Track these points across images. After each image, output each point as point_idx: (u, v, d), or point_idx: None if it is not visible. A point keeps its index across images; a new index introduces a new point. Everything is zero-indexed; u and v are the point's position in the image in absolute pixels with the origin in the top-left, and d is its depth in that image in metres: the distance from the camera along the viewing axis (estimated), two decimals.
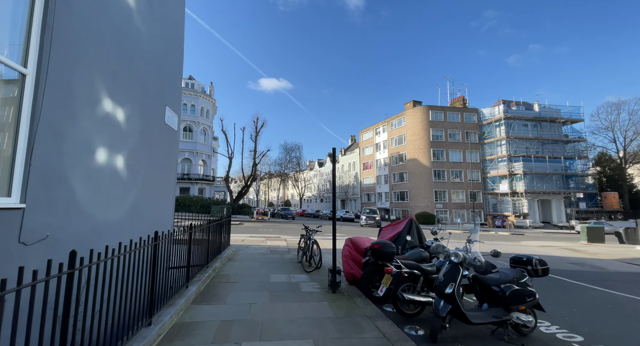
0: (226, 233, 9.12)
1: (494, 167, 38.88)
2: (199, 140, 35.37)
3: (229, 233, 9.54)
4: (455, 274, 3.87)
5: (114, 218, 3.58)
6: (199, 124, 35.33)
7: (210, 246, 6.86)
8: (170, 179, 5.86)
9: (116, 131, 3.62)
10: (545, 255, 11.26)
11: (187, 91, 35.02)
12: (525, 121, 38.64)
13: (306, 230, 8.07)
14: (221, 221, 8.13)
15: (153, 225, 4.60)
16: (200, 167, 35.94)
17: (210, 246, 6.86)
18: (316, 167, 67.14)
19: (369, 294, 5.26)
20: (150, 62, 4.62)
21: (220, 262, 7.33)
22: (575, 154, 38.69)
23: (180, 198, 29.21)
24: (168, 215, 5.77)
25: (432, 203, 38.13)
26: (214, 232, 7.31)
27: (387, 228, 7.33)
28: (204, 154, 35.84)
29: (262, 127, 31.38)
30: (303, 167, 49.95)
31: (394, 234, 6.75)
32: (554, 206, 37.65)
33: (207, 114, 37.00)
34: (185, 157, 34.67)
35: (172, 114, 5.94)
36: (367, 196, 48.75)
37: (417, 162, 39.52)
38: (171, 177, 5.90)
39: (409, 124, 41.15)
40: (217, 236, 7.60)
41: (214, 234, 7.28)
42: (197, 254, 5.88)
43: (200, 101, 35.69)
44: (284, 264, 7.81)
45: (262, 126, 31.33)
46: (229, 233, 9.54)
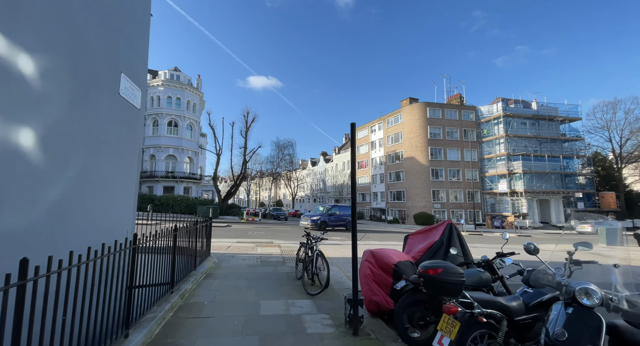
0: (205, 239, 7.25)
1: (493, 166, 37.92)
2: (185, 136, 33.07)
3: (208, 239, 7.66)
4: (594, 331, 2.18)
5: (17, 223, 2.29)
6: (185, 119, 33.04)
7: (180, 261, 5.02)
8: (129, 172, 4.26)
9: (16, 90, 2.29)
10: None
11: (172, 83, 32.69)
12: (524, 119, 37.82)
13: (308, 238, 6.30)
14: (197, 226, 6.26)
15: (97, 232, 3.28)
16: (186, 165, 33.64)
17: (180, 260, 5.02)
18: (309, 166, 65.33)
19: (407, 337, 3.53)
20: (91, 6, 3.18)
21: (194, 282, 5.47)
22: (573, 153, 38.13)
23: (163, 198, 27.00)
24: (125, 218, 4.13)
25: (430, 202, 36.86)
26: (187, 240, 5.46)
27: (416, 235, 5.59)
28: (190, 151, 33.56)
29: (253, 122, 29.42)
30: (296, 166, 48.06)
31: (427, 245, 5.03)
32: (552, 206, 36.94)
33: (194, 108, 34.72)
34: (170, 154, 32.33)
35: (132, 86, 4.31)
36: (361, 195, 47.24)
37: (414, 161, 38.20)
38: (130, 169, 4.28)
39: (406, 121, 39.81)
40: (190, 245, 5.75)
41: (186, 243, 5.43)
42: (156, 274, 4.05)
43: (186, 94, 33.41)
44: (278, 282, 6.01)
45: (253, 121, 29.37)
46: (208, 239, 7.66)
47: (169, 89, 32.66)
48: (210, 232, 7.83)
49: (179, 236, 4.94)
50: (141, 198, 26.22)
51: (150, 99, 32.87)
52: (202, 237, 6.89)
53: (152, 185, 31.74)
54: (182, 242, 5.19)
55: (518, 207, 35.67)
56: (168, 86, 32.61)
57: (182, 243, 5.23)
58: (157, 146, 31.89)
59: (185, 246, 5.47)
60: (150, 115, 32.55)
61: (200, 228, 6.64)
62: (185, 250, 5.47)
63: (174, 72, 33.99)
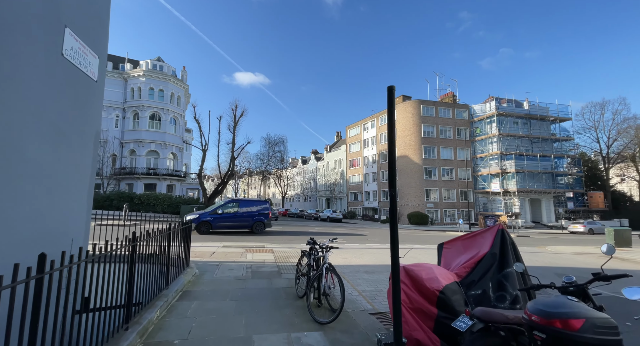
0: (183, 245, 5.87)
1: (485, 165, 37.69)
2: (168, 130, 31.06)
3: (187, 245, 6.28)
4: None
5: None
6: (168, 112, 31.02)
7: (143, 280, 3.67)
8: (80, 162, 3.17)
9: None
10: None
11: (155, 74, 30.61)
12: (516, 118, 37.76)
13: (312, 246, 5.03)
14: (170, 231, 4.89)
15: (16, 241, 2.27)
16: (170, 162, 31.64)
17: (143, 279, 3.67)
18: (299, 165, 63.90)
19: None
20: None
21: (164, 307, 4.11)
22: (564, 153, 38.37)
23: (143, 196, 25.07)
24: (72, 221, 3.07)
25: (423, 202, 36.26)
26: (156, 250, 4.10)
27: (454, 244, 4.35)
28: (174, 146, 31.58)
29: (242, 117, 27.77)
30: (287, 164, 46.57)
31: (473, 258, 3.83)
32: (543, 205, 37.03)
33: (179, 101, 32.71)
34: (152, 150, 30.27)
35: (84, 49, 3.20)
36: (353, 194, 46.28)
37: (407, 160, 37.49)
38: (81, 158, 3.19)
39: (400, 119, 39.01)
40: (161, 256, 4.39)
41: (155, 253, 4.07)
42: (104, 302, 2.72)
43: (170, 85, 31.37)
44: (275, 302, 4.71)
45: (241, 115, 27.72)
46: (187, 245, 6.28)
47: (151, 80, 30.57)
48: (189, 236, 6.44)
49: (143, 244, 3.59)
50: (119, 196, 24.25)
51: (130, 90, 30.70)
52: (179, 243, 5.52)
53: (132, 182, 29.64)
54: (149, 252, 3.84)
55: (510, 206, 35.53)
56: (150, 77, 30.51)
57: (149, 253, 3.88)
58: (137, 140, 29.79)
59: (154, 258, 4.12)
60: (130, 107, 30.40)
61: (176, 233, 5.26)
62: (154, 263, 4.11)
63: (157, 63, 31.88)
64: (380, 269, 7.33)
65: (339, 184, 48.36)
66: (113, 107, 30.45)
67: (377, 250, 10.66)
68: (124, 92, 30.92)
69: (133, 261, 3.37)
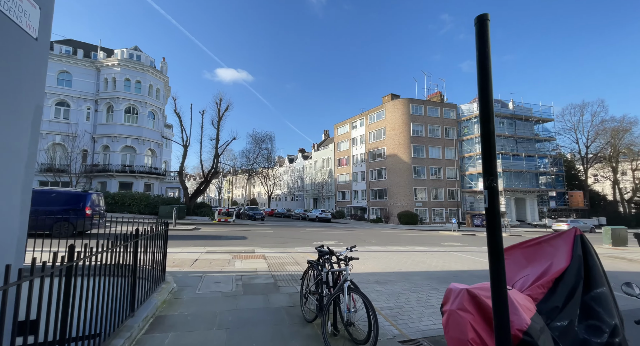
0: (156, 254, 4.66)
1: (472, 164, 37.93)
2: (146, 125, 28.95)
3: (162, 254, 5.06)
4: None
5: None
6: (146, 106, 28.91)
7: (90, 308, 2.50)
8: (12, 147, 2.35)
9: None
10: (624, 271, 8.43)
11: (131, 64, 28.41)
12: (502, 118, 38.24)
13: (322, 256, 3.98)
14: (137, 240, 3.70)
15: None
16: (148, 159, 29.52)
17: (90, 307, 2.51)
18: (286, 163, 62.48)
19: None
20: None
21: (126, 345, 2.94)
22: (547, 153, 39.28)
23: (117, 195, 23.09)
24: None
25: (412, 201, 35.97)
26: (115, 267, 2.93)
27: (511, 252, 3.39)
28: (153, 142, 29.49)
29: (227, 111, 26.22)
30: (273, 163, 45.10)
31: (549, 275, 2.87)
32: (528, 204, 37.73)
33: (158, 94, 30.61)
34: (128, 145, 28.08)
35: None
36: (342, 194, 45.51)
37: (396, 158, 37.10)
38: (14, 142, 2.36)
39: (389, 117, 38.61)
40: (122, 276, 3.21)
41: (114, 270, 2.91)
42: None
43: (148, 77, 29.24)
44: (278, 331, 3.63)
45: (226, 110, 26.17)
46: (162, 254, 5.06)
47: (127, 71, 28.35)
48: (165, 243, 5.22)
49: (95, 262, 2.44)
50: None
51: (103, 81, 28.36)
52: (151, 252, 4.31)
53: (106, 181, 27.37)
54: (108, 269, 2.68)
55: None
56: (126, 67, 28.28)
57: (107, 271, 2.73)
58: (111, 135, 27.53)
59: (117, 269, 2.96)
60: (103, 99, 28.06)
61: (146, 241, 4.05)
62: (116, 275, 2.95)
63: (134, 52, 29.65)
64: (393, 279, 6.39)
65: (327, 183, 47.46)
66: (84, 99, 28.00)
67: (379, 254, 9.74)
68: (97, 83, 28.53)
69: (69, 288, 2.21)
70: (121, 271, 3.21)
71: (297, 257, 8.56)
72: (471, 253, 10.52)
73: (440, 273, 6.95)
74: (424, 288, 5.68)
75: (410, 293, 5.35)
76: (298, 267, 7.17)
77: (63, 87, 27.46)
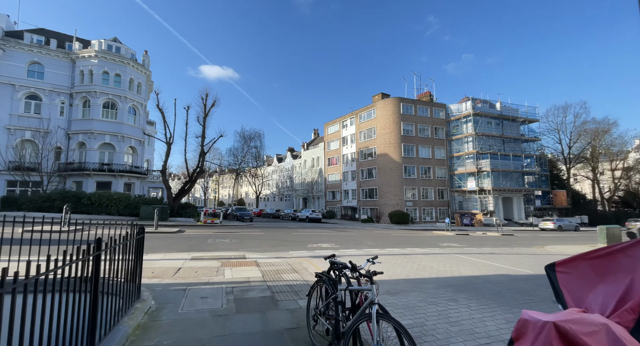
0: (132, 266, 3.80)
1: (461, 164, 38.17)
2: (127, 121, 27.30)
3: (136, 266, 4.19)
4: None
5: None
6: (127, 101, 27.26)
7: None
8: None
9: None
10: None
11: (110, 56, 26.71)
12: (490, 118, 38.68)
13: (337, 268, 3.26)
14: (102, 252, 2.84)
15: None
16: (128, 157, 27.88)
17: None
18: (275, 162, 61.29)
19: None
20: None
21: None
22: (532, 153, 40.05)
23: (94, 196, 21.54)
24: None
25: (402, 200, 35.79)
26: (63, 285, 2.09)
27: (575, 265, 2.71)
28: (134, 139, 27.86)
29: (214, 107, 25.00)
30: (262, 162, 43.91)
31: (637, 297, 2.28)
32: (514, 203, 38.34)
33: (139, 89, 28.97)
34: (106, 143, 26.38)
35: None
36: (332, 193, 44.91)
37: (387, 158, 36.84)
38: None
39: (379, 116, 38.31)
40: (78, 304, 2.37)
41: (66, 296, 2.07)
42: None
43: (128, 70, 27.59)
44: None
45: (213, 105, 24.94)
46: (136, 266, 4.19)
47: (106, 63, 26.63)
48: (141, 249, 4.34)
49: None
50: (64, 196, 20.56)
51: (79, 73, 26.54)
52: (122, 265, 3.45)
53: (82, 180, 25.60)
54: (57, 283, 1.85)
55: (485, 204, 36.24)
56: (104, 59, 26.55)
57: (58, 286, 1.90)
58: (88, 131, 25.76)
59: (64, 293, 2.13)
60: (79, 93, 26.24)
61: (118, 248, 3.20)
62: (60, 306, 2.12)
63: (113, 43, 27.91)
64: (403, 287, 5.74)
65: (317, 183, 46.73)
66: (57, 92, 26.09)
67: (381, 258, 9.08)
68: (71, 76, 26.65)
69: None
70: (76, 286, 2.39)
71: (294, 263, 7.80)
72: (475, 255, 10.07)
73: (453, 280, 6.37)
74: (441, 299, 5.05)
75: (427, 306, 4.70)
76: (296, 275, 6.42)
77: (34, 80, 25.48)
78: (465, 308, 4.66)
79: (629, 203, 44.51)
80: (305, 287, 5.52)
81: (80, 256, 2.44)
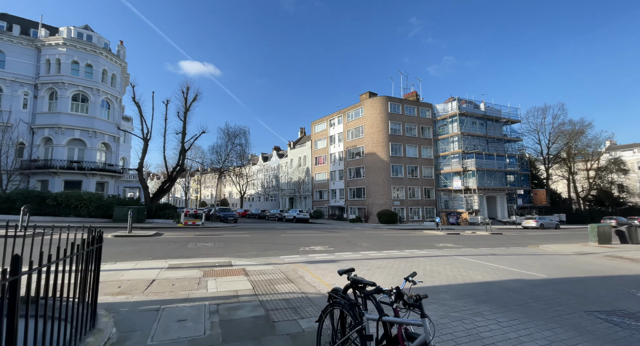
0: (80, 282, 2.83)
1: (447, 163, 38.47)
2: (99, 115, 25.29)
3: (94, 282, 3.22)
4: None
5: None
6: (99, 93, 25.25)
7: None
8: None
9: None
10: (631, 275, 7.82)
11: (81, 45, 24.64)
12: (475, 118, 39.23)
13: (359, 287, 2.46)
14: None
15: None
16: (101, 154, 25.86)
17: None
18: (260, 161, 59.74)
19: None
20: None
21: None
22: (514, 153, 40.99)
23: (61, 196, 19.68)
24: None
25: (390, 200, 35.57)
26: None
27: None
28: (107, 135, 25.86)
29: (195, 102, 23.56)
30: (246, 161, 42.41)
31: None
32: (498, 202, 39.06)
33: (113, 81, 26.97)
34: (76, 138, 24.30)
35: None
36: (319, 193, 44.12)
37: (375, 157, 36.51)
38: None
39: (367, 115, 37.93)
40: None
41: None
42: None
43: (101, 60, 25.57)
44: None
45: (194, 100, 23.50)
46: (94, 282, 3.22)
47: (75, 52, 24.54)
48: (97, 266, 3.36)
49: None
50: (26, 196, 18.60)
51: (45, 62, 24.31)
52: (74, 273, 2.49)
53: (47, 179, 23.44)
54: None
55: (471, 203, 36.66)
56: (73, 48, 24.45)
57: None
58: (55, 126, 23.62)
59: None
60: (45, 84, 24.03)
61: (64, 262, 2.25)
62: None
63: (84, 31, 25.79)
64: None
65: (304, 182, 45.80)
66: (20, 83, 23.76)
67: (381, 262, 8.39)
68: (36, 65, 24.36)
69: None
70: None
71: (287, 270, 6.93)
72: (476, 257, 9.58)
73: (468, 288, 5.73)
74: (465, 313, 4.37)
75: (452, 323, 4.00)
76: (292, 286, 5.57)
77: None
78: (495, 324, 4.00)
79: (602, 201, 46.61)
80: (305, 301, 4.69)
81: None
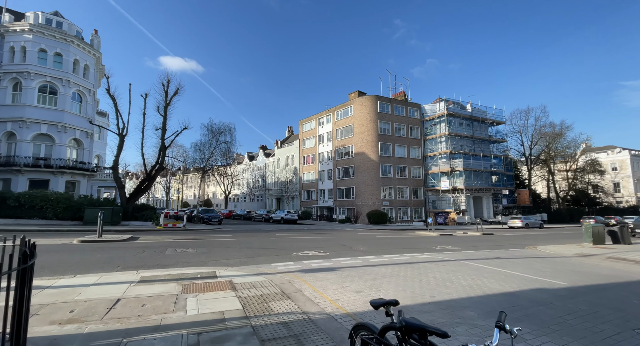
0: None
1: (435, 164, 38.57)
2: (70, 108, 23.29)
3: (19, 310, 2.20)
4: None
5: None
6: (70, 85, 23.25)
7: None
8: None
9: None
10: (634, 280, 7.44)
11: (49, 31, 22.58)
12: (462, 119, 39.55)
13: (407, 329, 1.60)
14: None
15: None
16: (71, 151, 23.84)
17: None
18: (246, 161, 58.04)
19: None
20: None
21: None
22: (500, 153, 41.67)
23: (24, 196, 17.83)
24: None
25: (379, 200, 35.19)
26: None
27: None
28: (79, 130, 23.87)
29: (176, 96, 22.08)
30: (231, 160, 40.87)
31: None
32: (484, 202, 39.53)
33: (86, 73, 24.97)
34: (42, 133, 22.23)
35: None
36: (307, 193, 43.18)
37: (364, 156, 36.02)
38: None
39: (357, 114, 37.40)
40: None
41: None
42: None
43: (72, 49, 23.56)
44: None
45: (175, 93, 22.02)
46: (19, 310, 2.20)
47: (43, 39, 22.47)
48: (25, 291, 2.34)
49: None
50: None
51: (9, 50, 22.11)
52: None
53: (9, 177, 21.28)
54: None
55: (458, 203, 36.86)
56: (41, 35, 22.37)
57: None
58: (19, 119, 21.49)
59: None
60: (8, 73, 21.84)
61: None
62: None
63: (53, 17, 23.71)
64: (440, 318, 4.23)
65: (292, 182, 44.72)
66: None
67: (385, 270, 7.61)
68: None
69: None
70: None
71: (282, 282, 6.02)
72: (482, 261, 9.01)
73: (491, 301, 5.04)
74: (504, 340, 3.62)
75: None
76: (290, 304, 4.67)
77: None
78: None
79: (579, 201, 48.35)
80: (309, 325, 3.81)
81: None
